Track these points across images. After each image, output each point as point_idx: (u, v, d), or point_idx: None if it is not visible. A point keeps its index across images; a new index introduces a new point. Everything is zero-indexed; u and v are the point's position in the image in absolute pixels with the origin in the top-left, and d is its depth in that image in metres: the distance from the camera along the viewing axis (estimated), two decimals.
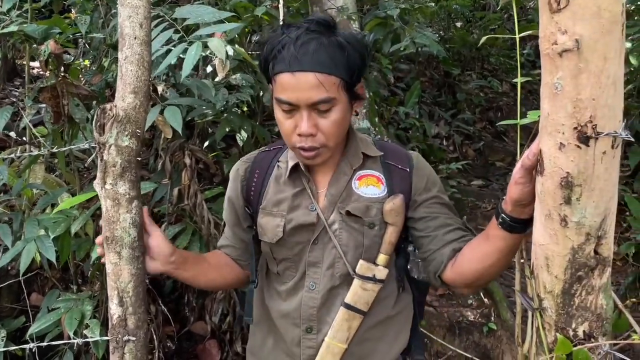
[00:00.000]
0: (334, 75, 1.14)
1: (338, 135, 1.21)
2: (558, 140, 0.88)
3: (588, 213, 0.90)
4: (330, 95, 1.14)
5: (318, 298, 1.28)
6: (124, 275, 1.18)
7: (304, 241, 1.28)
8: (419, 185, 1.29)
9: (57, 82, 1.90)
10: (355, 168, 1.29)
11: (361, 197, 1.27)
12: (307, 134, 1.16)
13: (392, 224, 1.26)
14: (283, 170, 1.32)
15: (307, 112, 1.15)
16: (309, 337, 1.29)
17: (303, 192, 1.29)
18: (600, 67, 0.84)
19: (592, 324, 0.98)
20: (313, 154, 1.20)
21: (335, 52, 1.15)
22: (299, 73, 1.13)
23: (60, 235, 1.72)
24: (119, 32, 1.22)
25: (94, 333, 1.57)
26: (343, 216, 1.26)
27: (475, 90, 5.81)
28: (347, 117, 1.22)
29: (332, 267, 1.28)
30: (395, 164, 1.31)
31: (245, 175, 1.37)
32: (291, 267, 1.31)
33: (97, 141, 1.14)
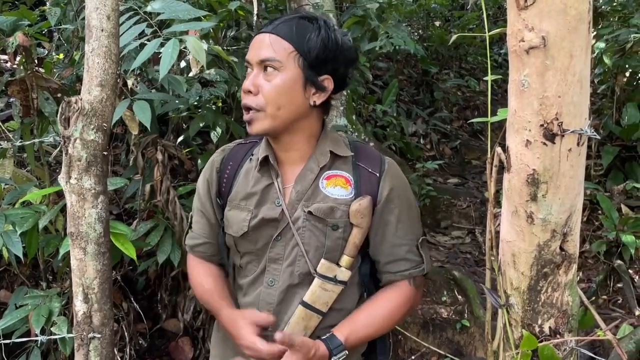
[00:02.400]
0: (287, 41, 1.19)
1: (277, 103, 1.19)
2: (524, 137, 0.89)
3: (554, 210, 0.91)
4: (276, 57, 1.18)
5: (276, 295, 1.26)
6: (89, 271, 1.15)
7: (267, 236, 1.26)
8: (384, 192, 1.26)
9: (26, 75, 1.85)
10: (322, 166, 1.27)
11: (327, 197, 1.25)
12: (246, 89, 1.20)
13: (358, 226, 1.24)
14: (254, 163, 1.31)
15: (256, 70, 1.20)
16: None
17: (271, 187, 1.28)
18: (567, 65, 0.84)
19: (557, 321, 0.99)
20: (250, 116, 1.21)
21: (300, 27, 1.20)
22: (261, 34, 1.22)
23: (27, 230, 1.67)
24: (86, 24, 1.19)
25: (61, 330, 1.54)
26: (307, 215, 1.24)
27: (453, 89, 5.86)
28: (293, 91, 1.20)
29: (292, 265, 1.25)
30: (365, 166, 1.29)
31: (220, 167, 1.35)
32: (254, 261, 1.30)
33: (62, 135, 1.12)
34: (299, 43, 1.19)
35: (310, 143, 1.28)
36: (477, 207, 3.76)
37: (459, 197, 3.89)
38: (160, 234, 2.02)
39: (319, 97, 1.23)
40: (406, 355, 2.57)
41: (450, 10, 7.12)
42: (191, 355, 2.31)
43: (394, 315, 1.28)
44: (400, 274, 1.27)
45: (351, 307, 1.30)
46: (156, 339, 2.40)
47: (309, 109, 1.24)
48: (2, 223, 1.72)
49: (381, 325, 1.27)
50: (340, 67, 1.25)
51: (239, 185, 1.31)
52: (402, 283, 1.28)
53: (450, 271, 2.83)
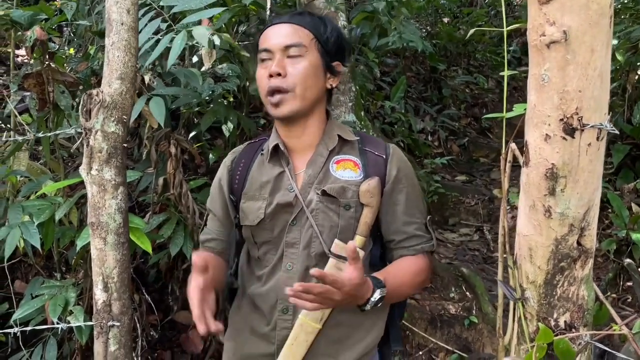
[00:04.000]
0: (307, 29, 1.29)
1: (305, 85, 1.27)
2: (544, 131, 0.90)
3: (572, 204, 0.91)
4: (302, 41, 1.27)
5: (295, 278, 1.29)
6: (109, 261, 1.17)
7: (283, 222, 1.31)
8: (392, 172, 1.33)
9: (42, 68, 1.87)
10: (331, 149, 1.33)
11: (338, 179, 1.30)
12: (275, 72, 1.25)
13: (368, 205, 1.28)
14: (265, 155, 1.37)
15: (280, 56, 1.27)
16: (284, 318, 1.30)
17: (283, 174, 1.33)
18: (588, 59, 0.85)
19: (573, 315, 1.00)
20: (278, 98, 1.26)
21: (313, 18, 1.33)
22: (277, 25, 1.30)
23: (44, 222, 1.70)
24: (106, 18, 1.21)
25: (77, 319, 1.56)
26: (319, 196, 1.29)
27: (461, 86, 5.85)
28: (317, 74, 1.29)
29: (308, 247, 1.29)
30: (371, 150, 1.36)
31: (232, 166, 1.41)
32: (271, 250, 1.33)
33: (84, 127, 1.13)
34: (317, 32, 1.31)
35: (319, 129, 1.36)
36: (486, 204, 3.76)
37: (467, 194, 3.89)
38: (173, 227, 2.04)
39: (333, 80, 1.35)
40: (414, 351, 2.58)
41: (459, 7, 7.09)
42: (201, 347, 2.33)
43: (415, 278, 1.32)
44: (413, 248, 1.34)
45: None
46: (167, 330, 2.42)
47: (324, 93, 1.35)
48: (20, 214, 1.74)
49: (407, 284, 1.31)
50: (346, 54, 1.39)
51: (252, 177, 1.36)
52: (418, 255, 1.34)
53: (459, 268, 2.83)
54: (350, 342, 1.33)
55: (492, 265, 3.05)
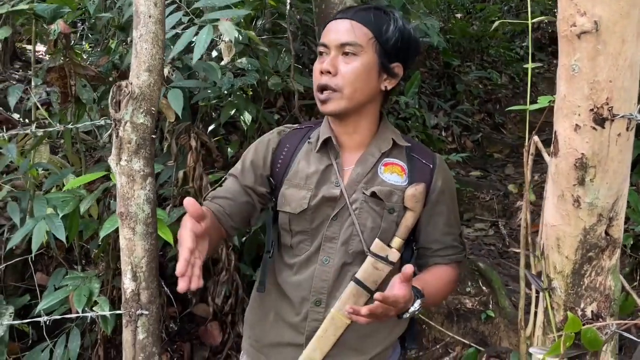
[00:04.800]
0: (367, 27, 1.26)
1: (354, 85, 1.26)
2: (574, 121, 0.90)
3: (601, 194, 0.92)
4: (357, 41, 1.25)
5: (331, 272, 1.30)
6: (138, 250, 1.19)
7: (324, 215, 1.31)
8: (438, 183, 1.34)
9: (65, 62, 1.90)
10: (383, 152, 1.34)
11: (385, 182, 1.31)
12: (326, 69, 1.25)
13: (411, 209, 1.30)
14: (313, 145, 1.37)
15: (334, 53, 1.27)
16: (316, 310, 1.31)
17: (330, 168, 1.33)
18: (618, 50, 0.85)
19: (600, 305, 1.00)
20: (326, 95, 1.26)
21: (377, 15, 1.29)
22: (339, 20, 1.29)
23: (68, 214, 1.72)
24: (134, 10, 1.22)
25: (103, 309, 1.59)
26: (366, 197, 1.30)
27: (475, 82, 5.83)
28: (370, 75, 1.27)
29: (346, 244, 1.30)
30: (419, 157, 1.36)
31: (276, 147, 1.39)
32: (306, 241, 1.34)
33: (113, 118, 1.15)
34: (378, 31, 1.28)
35: (372, 129, 1.36)
36: (500, 199, 3.75)
37: (481, 189, 3.89)
38: None
39: (389, 82, 1.32)
40: (430, 345, 2.59)
41: (472, 3, 7.06)
42: (220, 340, 2.36)
43: (447, 287, 1.36)
44: (448, 257, 1.36)
45: None
46: (186, 323, 2.45)
47: (378, 94, 1.33)
48: (45, 207, 1.77)
49: (440, 292, 1.34)
50: (410, 56, 1.35)
51: (298, 165, 1.36)
52: (451, 264, 1.37)
53: (475, 262, 2.83)
54: (377, 338, 1.35)
55: (508, 260, 3.05)
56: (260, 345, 1.41)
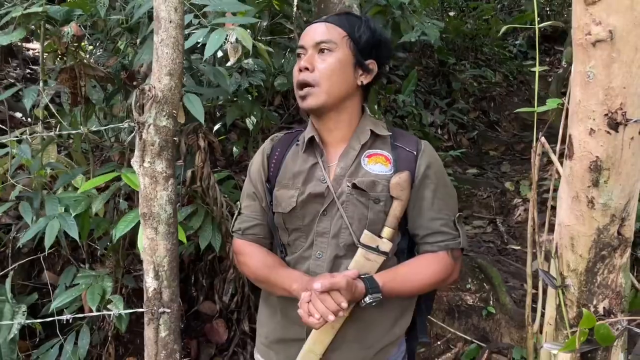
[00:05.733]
0: (340, 27, 1.34)
1: (331, 79, 1.32)
2: (589, 126, 0.94)
3: (614, 195, 0.96)
4: (331, 38, 1.32)
5: (324, 266, 1.33)
6: (160, 250, 1.21)
7: (314, 212, 1.35)
8: (421, 169, 1.36)
9: (75, 64, 1.91)
10: (363, 143, 1.36)
11: (369, 173, 1.34)
12: (303, 66, 1.32)
13: (398, 198, 1.32)
14: (300, 146, 1.42)
15: (311, 52, 1.34)
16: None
17: (316, 166, 1.37)
18: (632, 57, 0.89)
19: (611, 301, 1.04)
20: (305, 91, 1.32)
21: (350, 18, 1.37)
22: (315, 24, 1.37)
23: (80, 213, 1.74)
24: (155, 16, 1.24)
25: (117, 307, 1.61)
26: (350, 189, 1.32)
27: (469, 80, 5.88)
28: (345, 70, 1.33)
29: (337, 237, 1.33)
30: (403, 146, 1.39)
31: (270, 153, 1.46)
32: (301, 237, 1.38)
33: (137, 120, 1.17)
34: (351, 30, 1.35)
35: (352, 124, 1.40)
36: (497, 197, 3.80)
37: (478, 187, 3.94)
38: (201, 219, 2.08)
39: (365, 77, 1.38)
40: (432, 341, 2.63)
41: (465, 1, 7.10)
42: (226, 337, 2.39)
43: (430, 277, 1.34)
44: (437, 244, 1.35)
45: None
46: (192, 320, 2.48)
47: (356, 89, 1.38)
48: (57, 206, 1.79)
49: (417, 283, 1.34)
50: (382, 53, 1.41)
51: (286, 166, 1.41)
52: (440, 252, 1.35)
53: (475, 259, 2.88)
54: (378, 330, 1.37)
55: (507, 257, 3.10)
56: (269, 341, 1.44)
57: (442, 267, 1.35)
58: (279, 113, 3.71)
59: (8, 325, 1.67)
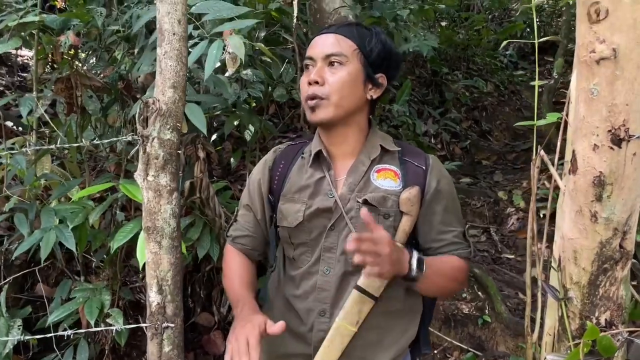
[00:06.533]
0: (350, 40, 1.32)
1: (341, 93, 1.30)
2: (592, 141, 0.95)
3: (617, 210, 0.97)
4: (342, 51, 1.31)
5: (332, 282, 1.33)
6: (164, 264, 1.21)
7: (321, 226, 1.34)
8: (432, 184, 1.36)
9: (71, 73, 1.91)
10: (373, 159, 1.37)
11: (378, 188, 1.34)
12: (313, 79, 1.30)
13: (407, 213, 1.32)
14: (306, 159, 1.41)
15: (321, 64, 1.32)
16: (321, 321, 1.34)
17: (323, 180, 1.37)
18: (635, 75, 0.91)
19: (613, 313, 1.06)
20: (314, 102, 1.31)
21: (360, 29, 1.36)
22: (324, 35, 1.35)
23: (77, 225, 1.73)
24: (158, 28, 1.25)
25: (117, 321, 1.59)
26: (360, 204, 1.32)
27: (462, 90, 5.93)
28: (355, 84, 1.32)
29: (345, 253, 1.32)
30: (412, 161, 1.39)
31: (272, 165, 1.45)
32: (307, 252, 1.37)
33: (141, 134, 1.17)
34: (361, 42, 1.34)
35: (360, 138, 1.40)
36: (491, 206, 3.83)
37: (472, 196, 3.97)
38: (199, 231, 2.07)
39: (375, 92, 1.38)
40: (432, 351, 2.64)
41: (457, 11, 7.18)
42: (224, 349, 2.37)
43: (454, 270, 1.35)
44: (450, 253, 1.37)
45: (401, 294, 1.38)
46: (189, 332, 2.46)
47: (365, 103, 1.38)
48: (53, 218, 1.78)
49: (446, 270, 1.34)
50: (392, 67, 1.40)
51: (292, 179, 1.40)
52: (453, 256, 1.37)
53: (471, 268, 2.89)
54: (384, 345, 1.37)
55: (501, 266, 3.12)
56: (271, 357, 1.43)
57: (462, 267, 1.37)
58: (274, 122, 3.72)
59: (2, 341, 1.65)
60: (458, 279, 1.36)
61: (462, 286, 1.41)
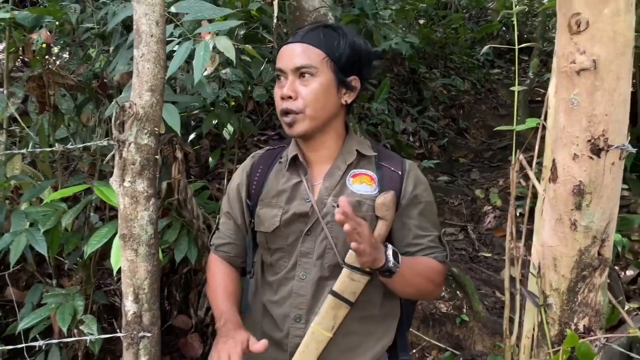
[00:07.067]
0: (318, 48, 1.29)
1: (316, 105, 1.29)
2: (572, 151, 0.96)
3: (596, 218, 0.98)
4: (311, 63, 1.28)
5: (308, 287, 1.32)
6: (140, 272, 1.18)
7: (297, 231, 1.34)
8: (408, 189, 1.36)
9: (43, 71, 1.85)
10: (349, 164, 1.36)
11: (354, 193, 1.33)
12: (286, 95, 1.28)
13: (382, 218, 1.32)
14: (283, 163, 1.40)
15: (292, 77, 1.29)
16: (297, 326, 1.33)
17: (300, 184, 1.36)
18: (614, 86, 0.92)
19: (591, 319, 1.07)
20: (290, 119, 1.29)
21: (327, 34, 1.32)
22: (291, 44, 1.31)
23: (49, 228, 1.68)
24: (135, 29, 1.21)
25: (90, 328, 1.56)
26: (336, 209, 1.31)
27: (440, 88, 5.97)
28: (329, 93, 1.30)
29: (322, 258, 1.32)
30: (388, 166, 1.39)
31: (250, 170, 1.44)
32: (284, 257, 1.36)
33: (117, 139, 1.14)
34: (329, 49, 1.31)
35: (338, 143, 1.39)
36: (468, 204, 3.87)
37: (450, 194, 4.00)
38: (177, 232, 2.04)
39: (349, 96, 1.36)
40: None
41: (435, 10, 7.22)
42: (201, 351, 2.34)
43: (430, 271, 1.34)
44: (427, 257, 1.35)
45: (378, 299, 1.37)
46: (165, 335, 2.42)
47: (340, 109, 1.37)
48: (23, 221, 1.72)
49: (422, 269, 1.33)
50: (364, 68, 1.38)
51: (270, 184, 1.40)
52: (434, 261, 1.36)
53: (449, 268, 2.91)
54: (361, 351, 1.36)
55: (479, 265, 3.15)
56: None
57: (439, 269, 1.36)
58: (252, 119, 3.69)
59: None
60: (434, 281, 1.35)
61: (439, 289, 1.40)
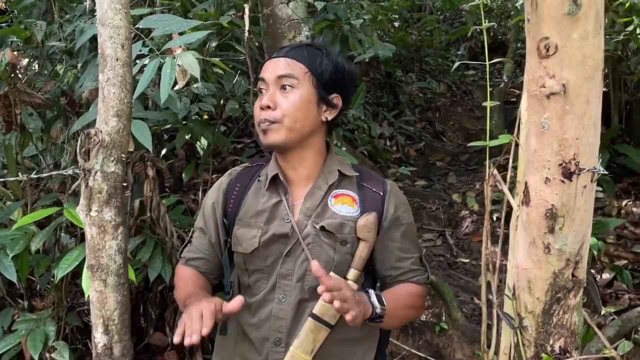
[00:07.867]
0: (301, 62, 1.31)
1: (294, 117, 1.28)
2: (544, 175, 0.96)
3: (569, 241, 0.98)
4: (293, 73, 1.29)
5: (288, 310, 1.30)
6: (110, 303, 1.15)
7: (277, 252, 1.31)
8: (390, 210, 1.36)
9: (9, 90, 1.80)
10: (330, 184, 1.34)
11: (336, 214, 1.32)
12: (265, 104, 1.28)
13: (364, 240, 1.31)
14: (262, 182, 1.37)
15: (272, 89, 1.30)
16: (276, 350, 1.30)
17: (279, 204, 1.33)
18: (584, 110, 0.92)
19: (566, 340, 1.07)
20: (266, 126, 1.28)
21: (310, 51, 1.34)
22: (275, 59, 1.34)
23: (19, 253, 1.63)
24: (100, 53, 1.18)
25: (62, 356, 1.51)
26: (317, 230, 1.30)
27: (416, 92, 6.00)
28: (309, 107, 1.30)
29: (302, 280, 1.30)
30: (369, 186, 1.38)
31: (227, 188, 1.41)
32: (263, 279, 1.33)
33: (82, 168, 1.10)
34: (312, 65, 1.32)
35: (318, 162, 1.37)
36: (446, 209, 3.89)
37: (427, 199, 4.01)
38: (150, 250, 2.00)
39: (330, 113, 1.35)
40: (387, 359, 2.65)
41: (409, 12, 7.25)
42: None
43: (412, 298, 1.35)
44: (409, 280, 1.36)
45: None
46: (141, 354, 2.37)
47: (320, 126, 1.35)
48: None
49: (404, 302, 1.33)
50: (347, 86, 1.38)
51: (248, 204, 1.37)
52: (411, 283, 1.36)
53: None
54: None
55: (457, 271, 3.17)
56: None
57: (419, 293, 1.37)
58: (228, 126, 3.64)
59: None
60: (417, 307, 1.37)
61: (420, 311, 1.41)
